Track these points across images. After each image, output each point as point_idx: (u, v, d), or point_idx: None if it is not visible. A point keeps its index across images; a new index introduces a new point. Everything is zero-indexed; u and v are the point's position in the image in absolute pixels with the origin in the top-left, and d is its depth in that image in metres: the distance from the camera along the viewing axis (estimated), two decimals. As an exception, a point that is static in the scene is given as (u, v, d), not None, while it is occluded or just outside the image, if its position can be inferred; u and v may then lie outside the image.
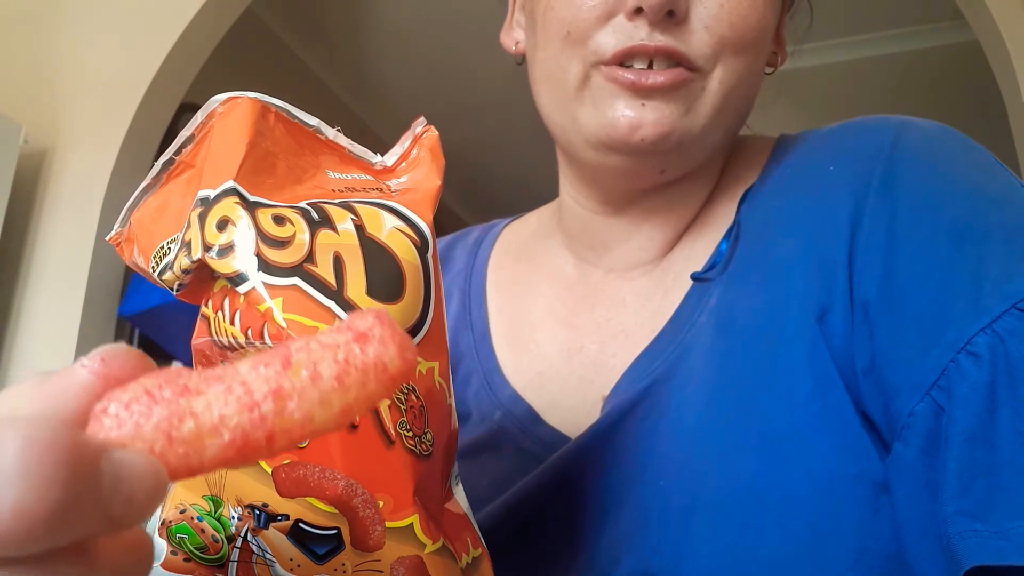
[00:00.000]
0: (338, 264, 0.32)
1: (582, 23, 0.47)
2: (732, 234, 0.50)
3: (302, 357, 0.19)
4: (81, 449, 0.15)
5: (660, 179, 0.51)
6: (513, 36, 0.57)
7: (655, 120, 0.46)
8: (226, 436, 0.18)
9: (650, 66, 0.46)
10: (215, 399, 0.18)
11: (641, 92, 0.46)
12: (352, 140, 0.40)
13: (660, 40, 0.45)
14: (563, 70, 0.49)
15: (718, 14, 0.46)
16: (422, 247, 0.35)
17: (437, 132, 0.41)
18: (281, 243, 0.32)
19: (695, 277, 0.49)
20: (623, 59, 0.47)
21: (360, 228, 0.33)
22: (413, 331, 0.33)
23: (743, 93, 0.49)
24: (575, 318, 0.55)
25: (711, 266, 0.49)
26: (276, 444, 0.19)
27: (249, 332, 0.31)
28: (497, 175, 3.64)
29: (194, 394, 0.19)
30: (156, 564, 0.30)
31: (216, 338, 0.33)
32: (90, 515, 0.16)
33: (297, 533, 0.30)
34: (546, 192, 0.62)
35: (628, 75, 0.46)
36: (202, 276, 0.34)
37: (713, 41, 0.46)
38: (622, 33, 0.46)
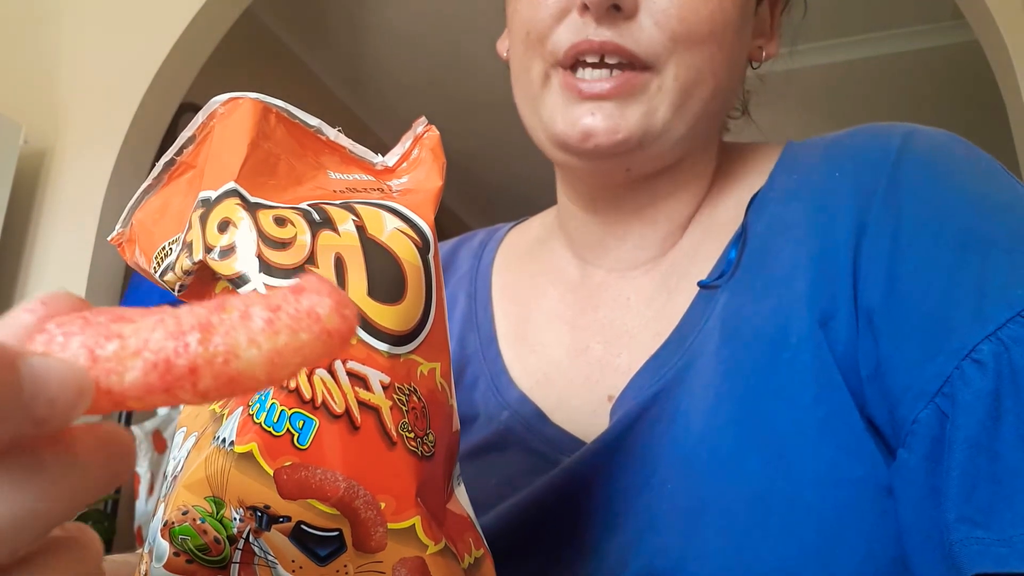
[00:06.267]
0: (339, 265, 0.32)
1: (539, 23, 0.48)
2: (740, 241, 0.50)
3: (236, 302, 0.20)
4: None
5: (629, 176, 0.51)
6: (505, 43, 0.58)
7: (607, 128, 0.47)
8: (148, 357, 0.18)
9: (602, 61, 0.47)
10: (144, 326, 0.19)
11: (591, 99, 0.47)
12: (352, 141, 0.40)
13: (605, 36, 0.46)
14: (527, 71, 0.50)
15: (667, 8, 0.46)
16: (423, 248, 0.34)
17: (438, 132, 0.41)
18: (282, 244, 0.32)
19: (703, 285, 0.49)
20: (574, 58, 0.47)
21: (361, 229, 0.33)
22: (415, 332, 0.33)
23: (707, 87, 0.49)
24: (580, 319, 0.55)
25: (720, 274, 0.49)
26: (200, 378, 0.19)
27: (251, 333, 0.31)
28: (498, 176, 3.64)
29: (126, 322, 0.19)
30: (159, 565, 0.30)
31: (217, 339, 0.33)
32: (14, 415, 0.17)
33: (299, 535, 0.30)
34: (547, 193, 0.62)
35: (579, 84, 0.47)
36: (203, 277, 0.34)
37: (664, 37, 0.46)
38: (572, 29, 0.47)
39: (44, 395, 0.17)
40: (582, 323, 0.55)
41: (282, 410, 0.30)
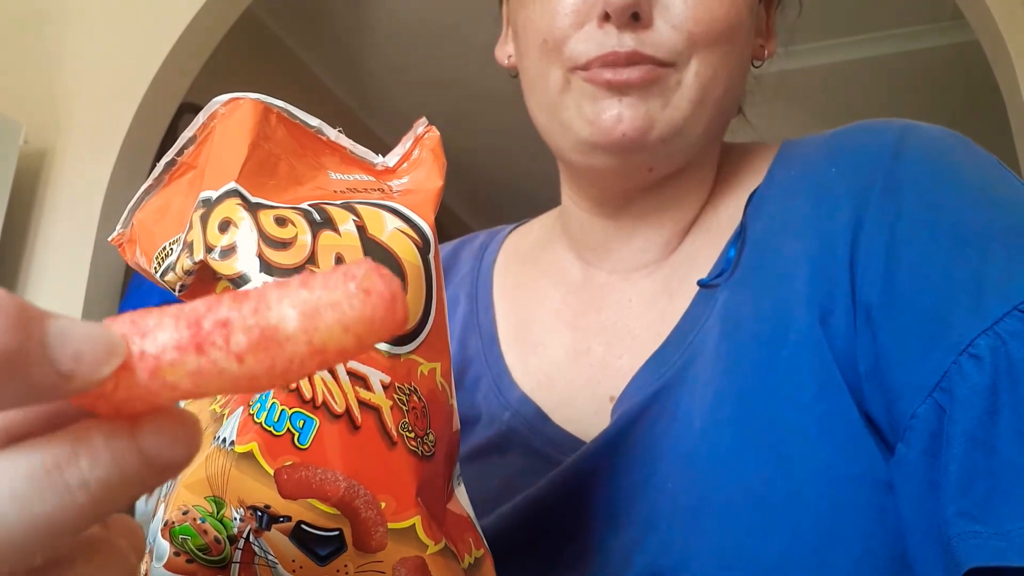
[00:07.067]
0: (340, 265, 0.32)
1: (556, 31, 0.49)
2: (739, 240, 0.50)
3: (273, 283, 0.20)
4: (26, 309, 0.17)
5: (649, 177, 0.51)
6: (506, 50, 0.59)
7: (633, 116, 0.47)
8: (181, 316, 0.19)
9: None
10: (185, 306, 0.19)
11: (617, 89, 0.47)
12: (352, 141, 0.40)
13: (629, 45, 0.47)
14: (544, 77, 0.50)
15: (683, 11, 0.47)
16: (424, 248, 0.35)
17: (439, 132, 0.41)
18: (283, 244, 0.32)
19: (702, 284, 0.50)
20: (598, 66, 0.48)
21: (362, 229, 0.33)
22: (415, 332, 0.33)
23: (722, 85, 0.49)
24: (581, 320, 0.55)
25: (719, 273, 0.49)
26: (232, 331, 0.18)
27: (251, 333, 0.31)
28: (499, 176, 3.64)
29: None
30: (159, 565, 0.30)
31: (218, 339, 0.33)
32: (42, 368, 0.17)
33: (299, 534, 0.30)
34: (548, 194, 0.63)
35: (604, 75, 0.47)
36: (204, 277, 0.34)
37: (682, 38, 0.47)
38: (593, 41, 0.47)
39: (71, 347, 0.18)
40: (584, 324, 0.55)
41: (282, 410, 0.30)
